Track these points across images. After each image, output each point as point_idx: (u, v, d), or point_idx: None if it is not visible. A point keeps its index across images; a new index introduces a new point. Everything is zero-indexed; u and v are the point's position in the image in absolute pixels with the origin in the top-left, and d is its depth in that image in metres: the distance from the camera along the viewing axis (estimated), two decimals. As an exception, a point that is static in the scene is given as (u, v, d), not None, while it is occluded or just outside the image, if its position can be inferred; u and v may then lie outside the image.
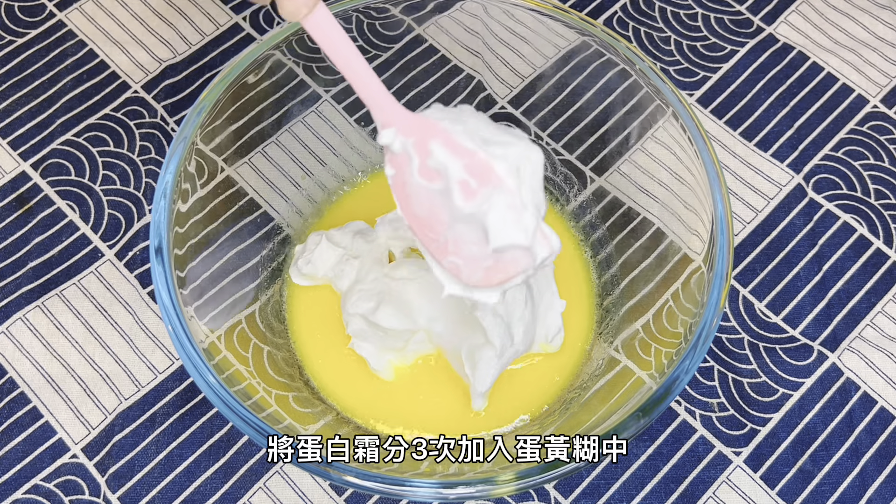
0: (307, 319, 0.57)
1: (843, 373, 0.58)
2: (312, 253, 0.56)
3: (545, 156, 0.61)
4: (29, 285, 0.59)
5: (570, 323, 0.56)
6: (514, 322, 0.50)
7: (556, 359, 0.56)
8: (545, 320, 0.54)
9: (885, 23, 0.70)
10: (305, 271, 0.56)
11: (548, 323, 0.54)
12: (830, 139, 0.65)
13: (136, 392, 0.56)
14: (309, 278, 0.57)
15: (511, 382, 0.54)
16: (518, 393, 0.55)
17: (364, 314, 0.53)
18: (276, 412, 0.47)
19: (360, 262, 0.55)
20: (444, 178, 0.40)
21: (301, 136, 0.59)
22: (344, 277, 0.55)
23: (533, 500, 0.54)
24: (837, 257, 0.61)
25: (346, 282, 0.55)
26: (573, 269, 0.59)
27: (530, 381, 0.55)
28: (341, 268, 0.55)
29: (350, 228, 0.57)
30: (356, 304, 0.53)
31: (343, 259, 0.55)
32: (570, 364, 0.56)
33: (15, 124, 0.65)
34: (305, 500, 0.54)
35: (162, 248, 0.46)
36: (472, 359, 0.51)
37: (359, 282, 0.54)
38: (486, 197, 0.39)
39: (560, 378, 0.55)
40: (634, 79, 0.53)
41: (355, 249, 0.55)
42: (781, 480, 0.55)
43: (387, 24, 0.59)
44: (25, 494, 0.53)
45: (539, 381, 0.55)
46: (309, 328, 0.57)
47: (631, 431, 0.43)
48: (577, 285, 0.58)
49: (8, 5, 0.69)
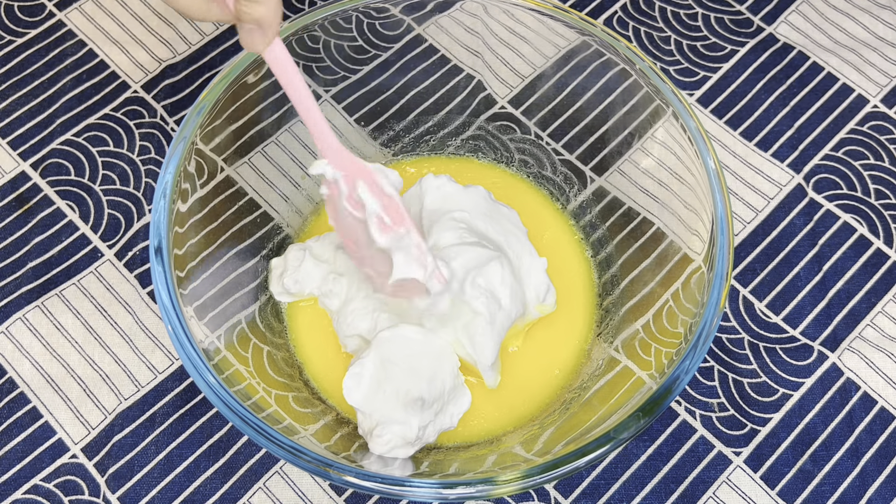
0: (307, 319, 0.57)
1: (843, 373, 0.58)
2: (298, 271, 0.55)
3: (545, 156, 0.61)
4: (28, 285, 0.59)
5: (571, 322, 0.56)
6: (497, 287, 0.51)
7: (556, 359, 0.55)
8: (531, 281, 0.54)
9: (885, 23, 0.70)
10: (294, 290, 0.55)
11: (534, 283, 0.54)
12: (830, 139, 0.65)
13: (135, 392, 0.56)
14: (295, 296, 0.56)
15: (511, 382, 0.54)
16: (518, 393, 0.54)
17: (362, 334, 0.53)
18: (276, 412, 0.47)
19: (348, 282, 0.54)
20: (364, 211, 0.47)
21: (301, 136, 0.59)
22: (333, 297, 0.55)
23: (533, 500, 0.54)
24: (837, 257, 0.61)
25: (336, 301, 0.55)
26: (575, 268, 0.58)
27: (530, 382, 0.55)
28: (329, 287, 0.54)
29: (328, 240, 0.56)
30: (353, 324, 0.53)
31: (329, 277, 0.55)
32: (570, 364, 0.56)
33: (15, 124, 0.65)
34: (305, 500, 0.54)
35: (162, 248, 0.46)
36: (469, 335, 0.51)
37: (349, 301, 0.54)
38: (397, 237, 0.47)
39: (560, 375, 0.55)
40: (634, 79, 0.53)
41: (339, 266, 0.55)
42: (781, 480, 0.55)
43: (387, 24, 0.59)
44: (25, 494, 0.53)
45: (539, 382, 0.55)
46: (308, 328, 0.57)
47: (631, 431, 0.43)
48: (578, 285, 0.58)
49: (8, 5, 0.69)
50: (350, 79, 0.60)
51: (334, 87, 0.60)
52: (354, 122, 0.61)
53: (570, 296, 0.57)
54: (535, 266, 0.54)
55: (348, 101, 0.60)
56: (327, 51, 0.58)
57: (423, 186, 0.55)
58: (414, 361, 0.50)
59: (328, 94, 0.60)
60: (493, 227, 0.54)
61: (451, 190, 0.55)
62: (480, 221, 0.54)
